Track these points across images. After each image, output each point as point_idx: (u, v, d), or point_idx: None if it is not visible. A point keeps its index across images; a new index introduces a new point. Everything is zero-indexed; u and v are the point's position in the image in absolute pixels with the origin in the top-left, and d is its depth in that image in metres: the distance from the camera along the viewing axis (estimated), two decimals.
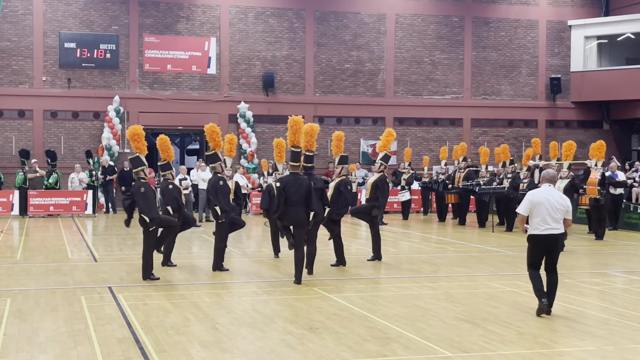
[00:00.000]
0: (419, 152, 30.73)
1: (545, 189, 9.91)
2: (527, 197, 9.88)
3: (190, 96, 29.50)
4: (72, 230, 21.14)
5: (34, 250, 16.38)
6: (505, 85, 32.51)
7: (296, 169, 12.48)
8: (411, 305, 10.38)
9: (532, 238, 9.90)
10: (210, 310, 9.99)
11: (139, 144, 12.80)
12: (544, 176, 10.12)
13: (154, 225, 12.59)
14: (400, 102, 31.42)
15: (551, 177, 10.10)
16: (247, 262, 14.62)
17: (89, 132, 28.71)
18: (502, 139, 31.60)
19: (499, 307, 10.30)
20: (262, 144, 29.71)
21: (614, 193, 21.79)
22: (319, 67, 30.77)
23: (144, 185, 12.61)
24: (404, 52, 31.54)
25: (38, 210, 25.28)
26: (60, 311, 9.88)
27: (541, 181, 10.15)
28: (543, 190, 9.88)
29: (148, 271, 12.55)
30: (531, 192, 9.95)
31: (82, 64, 28.52)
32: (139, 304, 10.38)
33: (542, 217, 9.71)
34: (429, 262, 14.99)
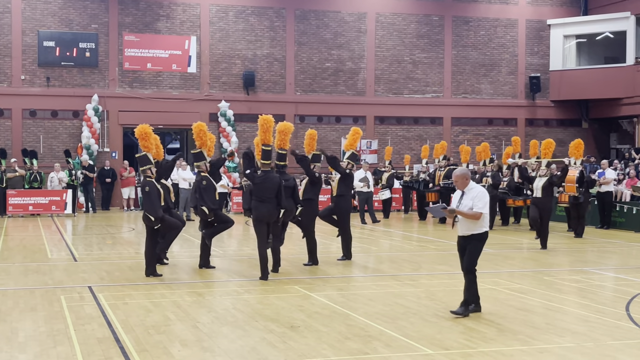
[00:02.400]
0: (400, 151, 30.82)
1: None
2: (487, 196, 9.51)
3: (171, 95, 29.40)
4: (52, 229, 21.00)
5: (13, 250, 16.25)
6: (485, 84, 32.66)
7: (267, 166, 12.68)
8: (392, 304, 10.40)
9: (487, 235, 9.65)
10: (191, 309, 9.96)
11: (147, 143, 12.90)
12: (468, 174, 9.66)
13: (158, 223, 12.63)
14: (381, 101, 31.50)
15: (471, 174, 9.91)
16: (228, 261, 14.59)
17: (68, 131, 28.55)
18: (482, 138, 31.74)
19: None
20: (242, 143, 29.65)
21: (600, 191, 21.86)
22: (299, 66, 30.77)
23: (149, 184, 12.70)
24: (384, 51, 31.61)
25: (17, 210, 25.09)
26: (39, 311, 9.81)
27: (466, 180, 9.56)
28: None
29: (151, 268, 12.66)
30: (485, 191, 9.64)
31: (61, 63, 28.36)
32: (119, 303, 10.33)
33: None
34: (410, 260, 15.02)
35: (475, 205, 9.38)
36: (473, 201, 9.41)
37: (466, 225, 9.53)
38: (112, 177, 28.21)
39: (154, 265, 12.77)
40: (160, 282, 12.22)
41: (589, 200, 20.95)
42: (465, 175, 9.60)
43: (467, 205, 9.43)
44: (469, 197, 9.48)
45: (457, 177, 9.59)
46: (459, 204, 9.53)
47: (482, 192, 9.49)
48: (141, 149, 12.98)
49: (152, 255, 12.79)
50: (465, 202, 9.47)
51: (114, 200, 28.57)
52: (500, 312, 9.89)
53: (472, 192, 9.50)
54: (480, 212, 9.35)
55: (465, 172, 9.68)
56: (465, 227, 9.55)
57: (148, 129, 13.05)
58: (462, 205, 9.48)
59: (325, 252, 15.68)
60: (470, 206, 9.40)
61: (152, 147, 13.11)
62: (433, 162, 25.73)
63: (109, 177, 28.13)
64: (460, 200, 9.54)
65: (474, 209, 9.37)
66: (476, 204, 9.38)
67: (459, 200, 9.56)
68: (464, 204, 9.47)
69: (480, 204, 9.37)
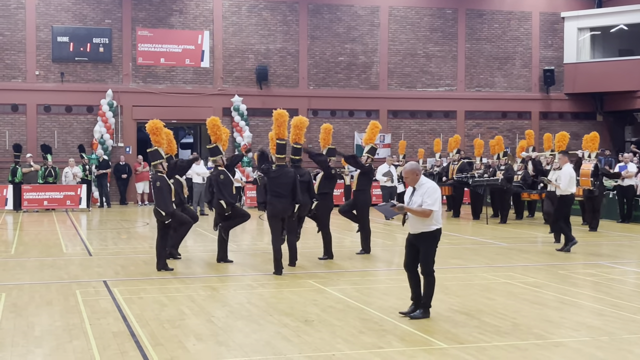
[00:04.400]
0: (413, 145, 30.77)
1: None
2: (437, 192, 9.01)
3: (184, 90, 29.45)
4: (67, 224, 21.10)
5: (28, 245, 16.35)
6: (498, 77, 32.54)
7: (282, 161, 12.67)
8: (406, 298, 10.35)
9: (439, 233, 9.17)
10: (206, 304, 9.98)
11: (158, 138, 12.95)
12: (419, 169, 9.18)
13: (169, 218, 12.71)
14: (394, 95, 31.43)
15: (422, 168, 9.43)
16: (242, 255, 14.61)
17: (82, 126, 28.66)
18: (496, 131, 31.65)
19: (493, 299, 10.32)
20: (256, 137, 29.70)
21: (622, 185, 21.67)
22: (312, 60, 30.74)
23: (160, 179, 12.77)
24: (397, 45, 31.53)
25: (32, 205, 25.22)
26: (55, 305, 9.86)
27: (417, 175, 9.10)
28: None
29: (162, 262, 12.73)
30: (437, 187, 9.10)
31: (75, 58, 28.45)
32: (134, 297, 10.37)
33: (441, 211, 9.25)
34: None
35: (425, 202, 8.89)
36: (422, 198, 8.93)
37: (416, 223, 9.03)
38: (127, 172, 28.32)
39: (164, 260, 12.81)
40: (175, 276, 12.26)
41: (603, 193, 20.84)
42: (414, 171, 9.09)
43: (417, 202, 8.95)
44: (419, 194, 8.99)
45: (406, 173, 9.10)
46: (409, 200, 9.06)
47: (432, 188, 8.98)
48: (152, 143, 13.01)
49: (163, 250, 12.82)
50: (416, 199, 8.99)
51: (129, 195, 28.68)
52: (514, 306, 9.87)
53: (422, 189, 9.01)
54: (429, 209, 8.87)
55: (414, 167, 9.16)
56: (415, 225, 9.06)
57: (159, 124, 13.08)
58: (412, 202, 9.01)
59: (340, 246, 15.68)
60: (420, 203, 8.92)
61: (164, 142, 13.14)
62: (447, 156, 25.66)
63: (124, 173, 28.25)
64: (411, 197, 9.07)
65: (423, 205, 8.88)
66: (425, 200, 8.89)
67: (410, 197, 9.10)
68: (414, 200, 8.99)
69: (430, 200, 8.89)
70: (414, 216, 8.99)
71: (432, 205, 8.88)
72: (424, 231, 9.01)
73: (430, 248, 9.10)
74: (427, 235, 9.03)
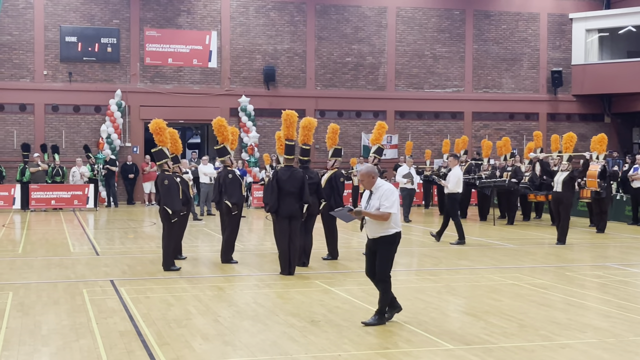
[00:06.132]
0: (420, 146, 30.74)
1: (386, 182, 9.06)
2: (395, 194, 8.71)
3: (191, 90, 29.48)
4: (74, 223, 21.15)
5: (35, 244, 16.39)
6: (506, 78, 32.49)
7: (290, 162, 12.62)
8: (413, 298, 10.38)
9: (398, 237, 8.86)
10: (212, 303, 9.99)
11: (162, 137, 13.03)
12: (374, 172, 8.84)
13: (175, 217, 12.79)
14: (401, 96, 31.41)
15: (378, 170, 9.11)
16: (248, 255, 14.62)
17: (90, 126, 28.71)
18: (504, 132, 31.62)
19: (500, 300, 10.30)
20: (263, 138, 29.72)
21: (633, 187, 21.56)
22: (320, 61, 30.74)
23: (167, 177, 12.83)
24: (405, 46, 31.52)
25: (40, 204, 25.29)
26: (62, 304, 9.88)
27: (374, 178, 8.80)
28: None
29: (169, 262, 12.75)
30: (393, 188, 8.79)
31: (83, 58, 28.51)
32: (140, 297, 10.39)
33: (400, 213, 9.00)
34: (431, 255, 14.99)
35: (382, 205, 8.59)
36: (380, 200, 8.63)
37: (375, 227, 8.72)
38: (134, 172, 28.37)
39: (171, 259, 12.83)
40: (181, 276, 12.27)
41: (611, 195, 20.79)
42: (370, 174, 8.78)
43: (375, 206, 8.66)
44: (376, 197, 8.70)
45: (362, 176, 8.79)
46: (367, 204, 8.78)
47: (389, 191, 8.68)
48: (156, 143, 13.04)
49: (169, 250, 12.83)
50: (373, 202, 8.70)
51: (136, 195, 28.73)
52: (521, 307, 9.85)
53: (379, 191, 8.70)
54: (387, 212, 8.56)
55: (370, 169, 8.83)
56: (373, 229, 8.74)
57: (162, 124, 13.12)
58: (370, 206, 8.72)
59: (347, 246, 15.68)
60: (377, 206, 8.63)
61: (168, 141, 13.16)
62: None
63: (132, 173, 28.30)
64: (369, 201, 8.79)
65: (381, 208, 8.58)
66: (383, 203, 8.60)
67: (367, 200, 8.82)
68: (372, 204, 8.70)
69: (387, 203, 8.58)
70: (372, 220, 8.69)
71: (390, 208, 8.58)
72: (383, 235, 8.71)
73: (388, 252, 8.79)
74: (385, 239, 8.73)
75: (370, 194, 8.84)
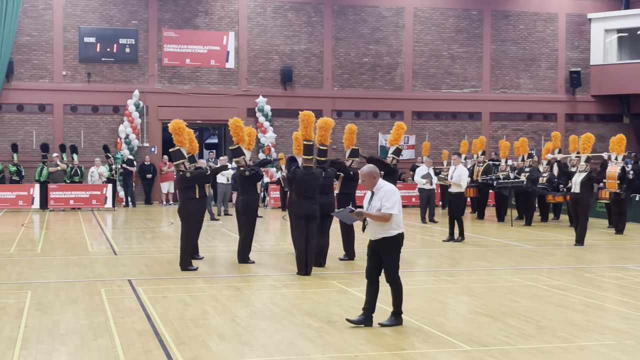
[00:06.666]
0: (437, 146, 30.67)
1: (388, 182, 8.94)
2: (396, 194, 8.60)
3: (209, 90, 29.55)
4: (92, 223, 21.25)
5: (54, 244, 16.48)
6: (524, 78, 32.35)
7: (309, 162, 12.61)
8: (430, 299, 10.35)
9: (401, 237, 8.78)
10: (229, 303, 10.00)
11: (180, 137, 13.06)
12: (374, 172, 8.72)
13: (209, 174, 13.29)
14: (419, 96, 31.35)
15: (378, 171, 8.85)
16: (265, 256, 14.63)
17: (108, 126, 28.85)
18: (522, 133, 31.48)
19: (518, 301, 10.25)
20: (280, 138, 29.75)
21: None
22: (337, 61, 30.73)
23: (188, 172, 12.97)
24: (422, 46, 31.45)
25: (58, 204, 25.44)
26: (80, 304, 9.93)
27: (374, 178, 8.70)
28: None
29: (186, 262, 12.79)
30: (394, 189, 8.69)
31: (101, 59, 28.65)
32: (158, 296, 10.42)
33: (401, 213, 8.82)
34: (448, 256, 14.94)
35: (383, 206, 8.49)
36: (381, 201, 8.54)
37: (376, 228, 8.64)
38: (152, 172, 28.47)
39: (189, 259, 12.87)
40: (199, 276, 12.30)
41: (630, 196, 20.64)
42: (371, 174, 8.69)
43: (376, 207, 8.56)
44: (377, 198, 8.61)
45: (363, 176, 8.71)
46: (368, 205, 8.69)
47: (390, 191, 8.59)
48: (175, 143, 13.07)
49: (187, 249, 12.88)
50: (374, 203, 8.61)
51: (154, 195, 28.84)
52: (539, 308, 9.79)
53: (380, 192, 8.61)
54: (389, 213, 8.47)
55: (371, 170, 8.72)
56: (375, 230, 8.67)
57: (181, 124, 13.15)
58: (371, 207, 8.63)
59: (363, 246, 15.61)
60: (379, 207, 8.54)
61: (186, 142, 13.21)
62: (471, 158, 25.54)
63: (149, 173, 28.41)
64: (370, 202, 8.70)
65: (382, 209, 8.48)
66: (384, 204, 8.50)
67: (369, 201, 8.72)
68: (373, 205, 8.62)
69: (389, 203, 8.48)
70: (374, 221, 8.61)
71: (391, 209, 8.49)
72: (385, 236, 8.63)
73: (393, 255, 8.72)
74: (388, 241, 8.65)
75: (372, 194, 8.76)
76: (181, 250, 12.89)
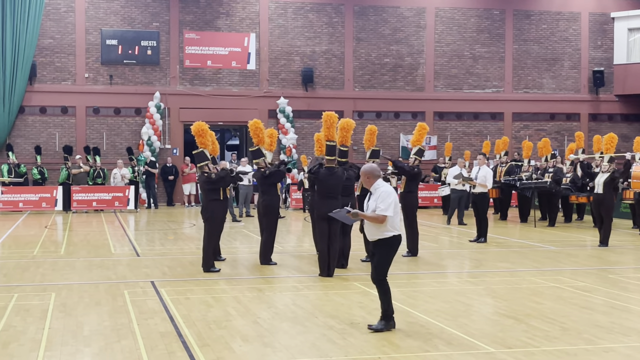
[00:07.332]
0: (459, 147, 30.54)
1: (387, 184, 8.71)
2: (391, 196, 8.42)
3: (230, 92, 29.64)
4: (115, 225, 21.37)
5: (77, 245, 16.59)
6: (547, 78, 32.15)
7: (331, 162, 12.70)
8: (453, 301, 10.32)
9: (397, 240, 8.58)
10: (252, 305, 10.02)
11: (203, 139, 13.15)
12: (372, 172, 8.60)
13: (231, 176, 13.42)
14: (440, 97, 31.26)
15: (378, 171, 8.68)
16: (287, 257, 14.65)
17: (130, 128, 29.01)
18: (544, 133, 31.29)
19: (542, 303, 10.19)
20: (301, 139, 29.77)
21: None
22: (358, 62, 30.71)
23: (212, 174, 13.06)
24: (444, 46, 31.35)
25: (81, 206, 25.60)
26: (103, 305, 9.99)
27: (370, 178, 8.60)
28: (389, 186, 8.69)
29: (209, 263, 12.87)
30: (390, 190, 8.51)
31: (123, 61, 28.81)
32: (181, 298, 10.46)
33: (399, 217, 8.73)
34: (471, 258, 14.88)
35: (378, 207, 8.37)
36: (377, 202, 8.42)
37: (372, 230, 8.53)
38: (174, 174, 28.59)
39: (211, 261, 12.92)
40: (221, 277, 12.32)
41: None
42: (366, 173, 8.62)
43: (372, 207, 8.46)
44: (373, 198, 8.51)
45: (362, 174, 8.67)
46: (366, 205, 8.61)
47: (385, 192, 8.44)
48: (198, 145, 13.14)
49: (210, 251, 12.93)
50: (371, 204, 8.51)
51: (176, 197, 28.96)
52: (563, 310, 9.73)
53: (377, 193, 8.49)
54: (382, 215, 8.34)
55: (369, 169, 8.64)
56: (371, 232, 8.56)
57: (204, 126, 13.23)
58: (368, 207, 8.56)
59: None
60: (374, 208, 8.43)
61: (209, 144, 13.29)
62: (494, 158, 25.43)
63: (171, 175, 28.53)
64: (367, 202, 8.61)
65: (377, 211, 8.36)
66: (379, 205, 8.37)
67: (367, 201, 8.63)
68: (370, 205, 8.53)
69: (383, 205, 8.34)
70: (370, 223, 8.52)
71: (386, 211, 8.35)
72: (380, 238, 8.51)
73: (386, 255, 8.55)
74: (383, 242, 8.52)
75: (370, 195, 8.69)
76: (204, 251, 12.94)
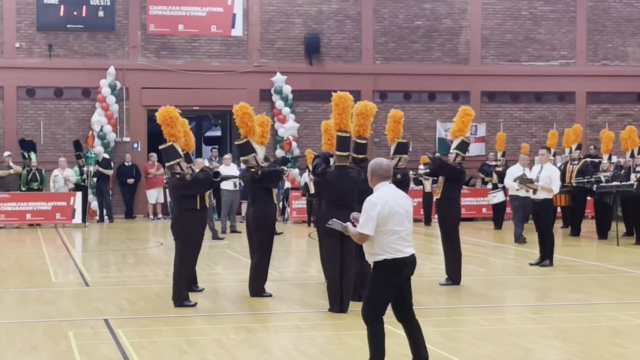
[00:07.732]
0: (516, 138, 30.58)
1: (388, 190, 8.58)
2: (375, 208, 8.30)
3: (209, 66, 29.69)
4: (56, 244, 21.41)
5: (7, 272, 16.61)
6: (633, 46, 32.16)
7: (344, 160, 12.56)
8: (507, 344, 10.33)
9: (390, 266, 8.47)
10: (239, 351, 10.04)
11: (173, 130, 12.87)
12: (375, 170, 8.60)
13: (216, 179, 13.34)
14: (490, 71, 31.27)
15: (386, 172, 8.63)
16: (286, 287, 14.67)
17: (76, 116, 29.04)
18: (630, 120, 31.25)
19: (627, 347, 10.19)
20: (303, 129, 29.77)
21: None
22: (380, 26, 30.76)
23: (187, 175, 12.84)
24: (494, 4, 31.38)
25: (11, 219, 25.58)
26: (42, 351, 10.01)
27: (373, 178, 8.62)
28: (389, 193, 8.53)
29: (182, 295, 12.77)
30: (376, 200, 8.39)
31: (66, 26, 28.85)
32: (144, 341, 10.48)
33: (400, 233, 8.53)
34: (532, 287, 14.88)
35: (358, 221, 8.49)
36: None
37: (365, 249, 8.64)
38: (135, 176, 28.54)
39: (185, 292, 12.85)
40: (198, 313, 12.34)
41: None
42: (370, 170, 8.69)
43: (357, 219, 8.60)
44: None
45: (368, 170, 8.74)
46: None
47: (369, 202, 8.39)
48: (166, 138, 12.99)
49: (183, 279, 12.86)
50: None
51: (137, 206, 28.98)
52: None
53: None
54: (358, 233, 8.38)
55: (373, 165, 8.68)
56: (365, 253, 8.68)
57: (173, 112, 12.95)
58: None
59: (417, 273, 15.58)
60: None
61: (181, 136, 13.13)
62: (562, 153, 25.42)
63: (131, 177, 28.49)
64: None
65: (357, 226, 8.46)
66: (359, 218, 8.48)
67: None
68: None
69: (361, 219, 8.39)
70: None
71: (362, 227, 8.34)
72: (372, 261, 8.55)
73: (376, 285, 8.57)
74: (374, 268, 8.56)
75: None
76: (174, 279, 12.94)
